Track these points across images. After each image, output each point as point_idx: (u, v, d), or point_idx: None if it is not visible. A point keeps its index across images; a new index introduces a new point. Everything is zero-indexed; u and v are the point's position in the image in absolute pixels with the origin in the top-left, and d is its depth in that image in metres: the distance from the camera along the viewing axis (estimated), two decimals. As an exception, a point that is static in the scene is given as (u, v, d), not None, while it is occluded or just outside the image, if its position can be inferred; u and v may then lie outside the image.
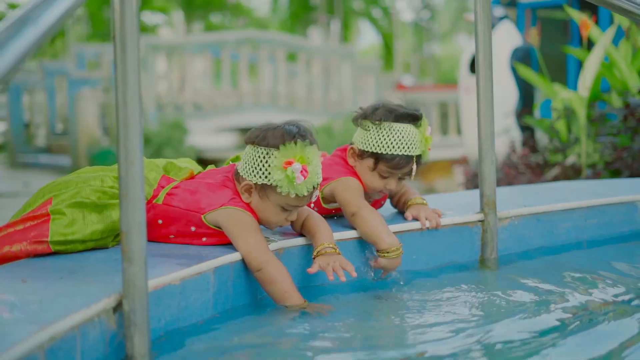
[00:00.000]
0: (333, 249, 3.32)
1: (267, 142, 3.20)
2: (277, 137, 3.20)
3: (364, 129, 3.70)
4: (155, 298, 2.77)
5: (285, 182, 3.16)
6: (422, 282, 3.62)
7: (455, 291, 3.46)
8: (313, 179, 3.19)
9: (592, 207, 4.35)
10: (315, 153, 3.21)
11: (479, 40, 3.88)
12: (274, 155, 3.18)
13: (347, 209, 3.62)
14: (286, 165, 3.15)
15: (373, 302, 3.37)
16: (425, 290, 3.48)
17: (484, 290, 3.49)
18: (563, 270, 3.74)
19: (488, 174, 3.91)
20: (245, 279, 3.23)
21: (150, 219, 3.35)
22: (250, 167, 3.25)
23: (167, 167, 3.55)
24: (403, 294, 3.45)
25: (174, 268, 2.94)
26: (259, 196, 3.27)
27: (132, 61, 2.52)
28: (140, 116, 2.54)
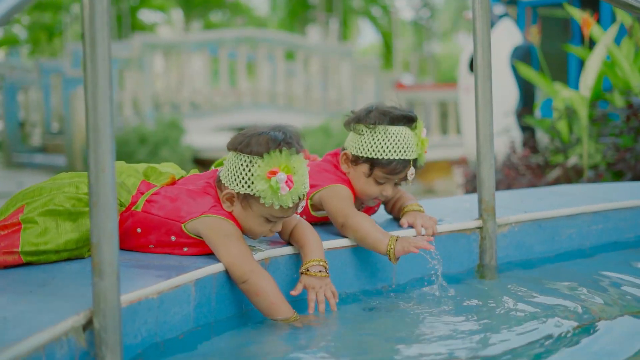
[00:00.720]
0: (323, 267, 3.16)
1: (251, 149, 3.02)
2: (262, 144, 3.02)
3: (358, 133, 3.54)
4: (130, 313, 2.60)
5: (269, 192, 2.99)
6: (417, 293, 3.47)
7: (451, 302, 3.31)
8: (299, 190, 3.02)
9: (596, 212, 4.20)
10: (301, 162, 3.03)
11: (478, 38, 3.73)
12: (257, 163, 3.00)
13: (336, 219, 3.47)
14: (270, 175, 2.97)
15: (366, 313, 3.21)
16: (421, 301, 3.33)
17: (481, 300, 3.32)
18: (566, 280, 3.61)
19: (487, 178, 3.75)
20: (229, 290, 3.06)
21: (129, 227, 3.19)
22: (233, 175, 3.07)
23: (147, 171, 3.38)
24: (397, 305, 3.29)
25: (152, 280, 2.77)
26: (242, 206, 3.09)
27: (102, 61, 2.36)
28: (110, 119, 2.37)
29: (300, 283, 3.13)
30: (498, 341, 2.80)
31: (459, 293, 3.42)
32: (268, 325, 2.94)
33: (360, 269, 3.52)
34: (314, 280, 3.12)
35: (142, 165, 3.41)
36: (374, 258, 3.54)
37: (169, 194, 3.19)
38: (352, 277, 3.48)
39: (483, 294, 3.45)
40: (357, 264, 3.51)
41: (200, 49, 19.10)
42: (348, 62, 20.98)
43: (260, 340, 2.86)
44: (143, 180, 3.31)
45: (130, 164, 3.39)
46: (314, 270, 3.13)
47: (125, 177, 3.27)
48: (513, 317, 3.06)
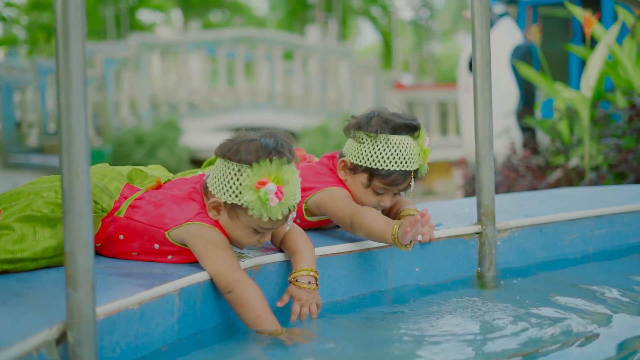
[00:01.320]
0: (314, 278, 3.03)
1: (240, 157, 2.88)
2: (251, 152, 2.87)
3: (358, 141, 3.40)
4: (108, 326, 2.47)
5: (258, 204, 2.84)
6: (412, 302, 3.35)
7: (449, 312, 3.18)
8: (289, 202, 2.88)
9: (600, 216, 4.09)
10: (292, 172, 2.90)
11: (477, 37, 3.63)
12: (246, 173, 2.86)
13: (343, 221, 3.33)
14: (259, 186, 2.83)
15: (358, 326, 3.06)
16: (416, 312, 3.19)
17: (480, 310, 3.20)
18: (568, 287, 3.53)
19: (486, 181, 3.64)
20: (215, 300, 2.93)
21: (111, 233, 3.06)
22: (220, 184, 2.93)
23: (131, 174, 3.24)
24: (391, 318, 3.15)
25: (133, 290, 2.64)
26: (229, 216, 2.95)
27: (76, 57, 2.21)
28: (85, 120, 2.23)
29: (287, 293, 3.02)
30: (497, 351, 2.71)
31: (457, 301, 3.30)
32: (256, 337, 2.81)
33: (354, 276, 3.40)
34: (302, 292, 3.00)
35: (127, 168, 3.29)
36: (368, 264, 3.43)
37: (153, 199, 3.05)
38: (346, 284, 3.36)
39: (482, 302, 3.32)
40: (351, 270, 3.39)
41: (197, 49, 19.10)
42: (347, 62, 20.96)
43: (248, 353, 2.74)
44: (127, 184, 3.18)
45: (113, 167, 3.27)
46: (302, 282, 3.01)
47: (108, 181, 3.14)
48: (513, 326, 2.95)
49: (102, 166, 3.26)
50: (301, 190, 3.34)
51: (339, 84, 21.07)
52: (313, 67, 21.19)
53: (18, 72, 21.32)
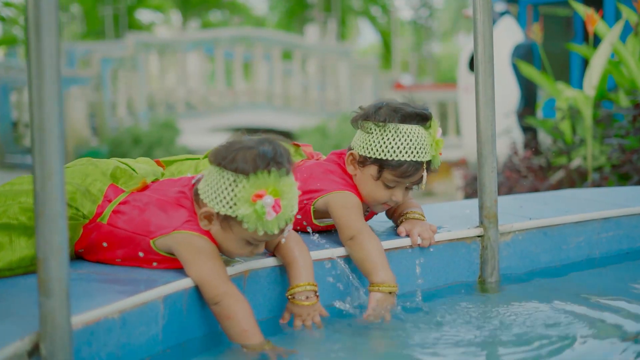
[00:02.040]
0: (312, 291, 2.90)
1: (236, 166, 2.68)
2: (248, 161, 2.67)
3: (366, 131, 3.24)
4: (86, 336, 2.33)
5: (253, 217, 2.66)
6: (411, 309, 3.17)
7: (449, 320, 3.03)
8: (286, 215, 2.70)
9: (607, 218, 3.96)
10: (291, 185, 2.71)
11: (478, 31, 3.51)
12: (242, 184, 2.67)
13: (344, 231, 3.18)
14: (256, 198, 2.65)
15: (353, 334, 2.91)
16: (414, 320, 3.04)
17: (483, 317, 3.06)
18: (574, 292, 3.38)
19: (488, 182, 3.50)
20: (203, 307, 2.79)
21: (94, 240, 2.92)
22: (213, 193, 2.74)
23: (115, 173, 3.07)
24: (388, 326, 2.98)
25: (114, 297, 2.50)
26: (221, 227, 2.77)
27: (49, 49, 2.07)
28: (59, 117, 2.08)
29: (287, 311, 2.90)
30: None
31: (458, 308, 3.16)
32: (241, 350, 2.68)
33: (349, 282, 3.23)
34: (302, 309, 2.88)
35: (110, 165, 3.10)
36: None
37: (138, 204, 2.90)
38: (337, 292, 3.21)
39: (484, 309, 3.19)
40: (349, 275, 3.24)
41: (195, 48, 19.06)
42: (346, 62, 20.95)
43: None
44: (111, 185, 3.02)
45: (95, 164, 3.10)
46: (299, 298, 2.88)
47: (90, 183, 2.99)
48: (516, 333, 2.84)
49: (85, 162, 3.10)
50: (310, 192, 3.27)
51: (338, 84, 21.10)
52: (312, 67, 21.18)
53: (15, 71, 21.19)
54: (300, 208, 3.31)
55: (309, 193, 3.29)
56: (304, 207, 3.32)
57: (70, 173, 3.01)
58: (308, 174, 3.35)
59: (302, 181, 3.27)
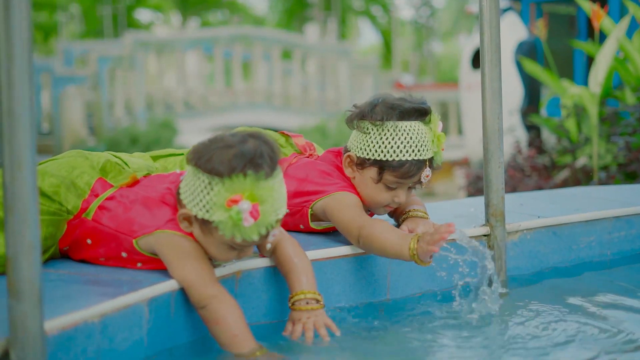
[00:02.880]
0: (315, 301, 2.71)
1: (212, 166, 2.47)
2: (224, 162, 2.46)
3: (363, 132, 3.08)
4: (63, 342, 2.17)
5: (229, 224, 2.45)
6: (414, 312, 3.06)
7: (454, 322, 2.89)
8: (266, 221, 2.48)
9: (619, 217, 3.82)
10: (271, 188, 2.48)
11: (485, 20, 3.38)
12: (217, 187, 2.46)
13: (350, 233, 2.99)
14: (231, 204, 2.43)
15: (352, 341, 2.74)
16: (418, 323, 2.91)
17: (489, 319, 2.92)
18: (584, 294, 3.25)
19: (495, 179, 3.34)
20: (191, 311, 2.62)
21: (78, 237, 2.75)
22: (190, 195, 2.55)
23: (105, 166, 2.88)
24: (390, 331, 2.83)
25: (95, 300, 2.34)
26: (201, 230, 2.57)
27: (20, 26, 1.90)
28: (30, 102, 1.90)
29: (289, 321, 2.69)
30: None
31: (463, 310, 3.00)
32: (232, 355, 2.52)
33: (349, 283, 3.10)
34: (302, 313, 2.68)
35: (102, 159, 2.91)
36: (365, 270, 3.14)
37: (124, 200, 2.72)
38: (339, 293, 3.07)
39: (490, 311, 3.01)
40: (345, 277, 3.09)
41: (194, 48, 19.01)
42: (346, 61, 20.94)
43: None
44: (99, 179, 2.84)
45: (87, 156, 2.91)
46: (301, 305, 2.69)
47: (77, 175, 2.81)
48: (524, 337, 2.72)
49: (75, 154, 2.92)
50: (307, 194, 3.10)
51: (338, 84, 21.13)
52: (312, 67, 21.16)
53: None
54: (297, 211, 3.17)
55: (306, 195, 3.14)
56: (300, 210, 3.17)
57: (57, 165, 2.84)
58: (304, 174, 3.19)
59: (298, 181, 3.15)
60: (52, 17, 35.64)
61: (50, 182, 2.73)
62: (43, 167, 2.83)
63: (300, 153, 3.43)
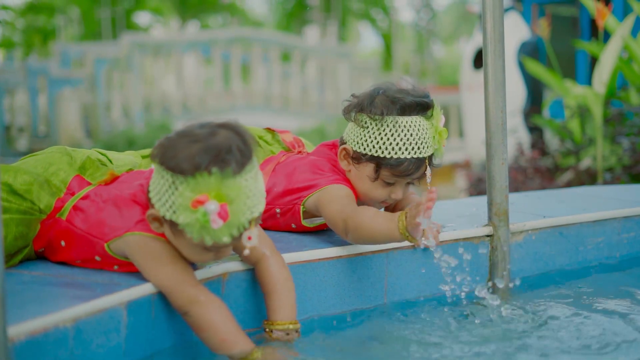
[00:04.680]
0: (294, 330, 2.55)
1: (175, 163, 2.28)
2: (188, 159, 2.26)
3: (361, 125, 2.94)
4: (32, 348, 2.03)
5: (196, 226, 2.26)
6: (412, 316, 2.93)
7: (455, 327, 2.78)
8: (237, 221, 2.28)
9: (628, 217, 3.70)
10: (240, 187, 2.28)
11: (487, 7, 3.21)
12: (181, 187, 2.28)
13: (336, 225, 2.83)
14: (196, 205, 2.24)
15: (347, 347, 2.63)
16: (416, 327, 2.78)
17: (492, 324, 2.81)
18: (592, 298, 3.13)
19: (498, 176, 3.20)
20: (174, 314, 2.47)
21: (52, 238, 2.61)
22: (157, 194, 2.37)
23: (85, 163, 2.74)
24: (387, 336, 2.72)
25: (68, 302, 2.19)
26: (171, 231, 2.39)
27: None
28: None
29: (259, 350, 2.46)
30: None
31: (464, 316, 2.90)
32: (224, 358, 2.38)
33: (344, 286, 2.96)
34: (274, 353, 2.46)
35: (83, 154, 2.77)
36: (361, 272, 2.99)
37: (97, 200, 2.56)
38: (333, 296, 2.92)
39: (494, 316, 2.90)
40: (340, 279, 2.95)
41: (192, 50, 18.98)
42: (346, 63, 20.95)
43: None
44: (76, 176, 2.70)
45: (68, 152, 2.76)
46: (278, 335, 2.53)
47: (53, 173, 2.66)
48: (530, 343, 2.60)
49: (56, 150, 2.77)
50: (297, 190, 2.97)
51: (337, 86, 21.12)
52: (311, 69, 21.16)
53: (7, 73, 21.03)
54: (288, 210, 3.04)
55: (297, 192, 3.01)
56: (292, 209, 3.03)
57: (34, 162, 2.70)
58: (292, 169, 3.06)
59: (287, 180, 3.02)
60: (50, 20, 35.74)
61: (23, 179, 2.58)
62: (18, 164, 2.69)
63: (289, 150, 3.28)
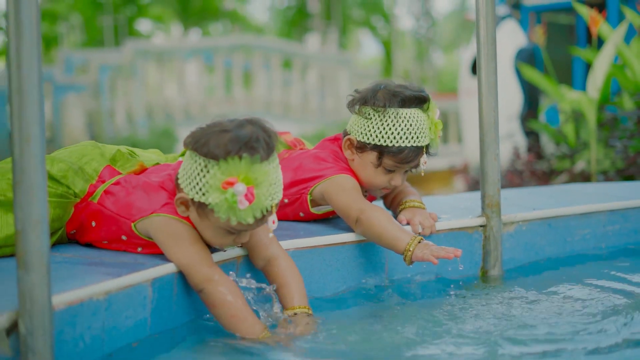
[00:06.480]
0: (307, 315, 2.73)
1: (208, 150, 2.52)
2: (220, 146, 2.50)
3: (365, 117, 3.18)
4: (69, 316, 2.22)
5: (224, 206, 2.49)
6: (409, 301, 3.08)
7: (449, 312, 2.90)
8: (261, 204, 2.51)
9: (613, 211, 3.82)
10: (266, 171, 2.52)
11: (480, 13, 3.38)
12: (213, 170, 2.51)
13: (349, 214, 3.08)
14: (226, 186, 2.47)
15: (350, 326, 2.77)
16: (413, 312, 2.91)
17: (484, 309, 2.93)
18: (579, 286, 3.23)
19: (491, 171, 3.37)
20: (191, 291, 2.67)
21: (84, 219, 2.82)
22: (188, 178, 2.59)
23: (115, 156, 2.97)
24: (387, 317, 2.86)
25: (100, 278, 2.38)
26: (197, 214, 2.62)
27: (27, 6, 1.94)
28: (39, 79, 1.96)
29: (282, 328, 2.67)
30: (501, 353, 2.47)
31: (458, 300, 3.05)
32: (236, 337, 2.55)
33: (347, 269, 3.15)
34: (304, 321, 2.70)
35: (112, 148, 3.01)
36: (363, 257, 3.19)
37: (127, 186, 2.80)
38: (338, 279, 3.11)
39: (486, 300, 3.05)
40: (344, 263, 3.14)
41: (194, 56, 18.93)
42: (346, 70, 20.87)
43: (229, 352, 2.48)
44: (107, 166, 2.92)
45: (99, 146, 2.99)
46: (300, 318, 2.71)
47: (87, 162, 2.89)
48: (518, 326, 2.72)
49: (87, 144, 3.00)
50: (304, 181, 3.19)
51: (338, 93, 21.02)
52: (312, 76, 21.09)
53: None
54: (296, 199, 3.25)
55: (303, 182, 3.23)
56: (299, 198, 3.25)
57: (68, 152, 2.93)
58: (297, 163, 3.27)
59: (293, 172, 3.22)
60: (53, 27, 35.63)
61: (59, 167, 2.79)
62: (54, 154, 2.90)
63: (290, 148, 3.50)
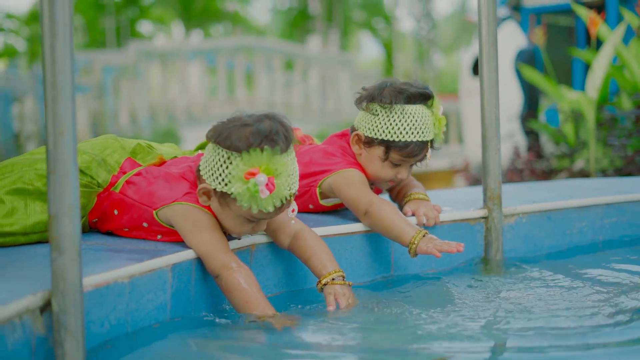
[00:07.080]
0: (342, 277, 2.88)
1: (230, 143, 2.68)
2: (242, 139, 2.67)
3: (372, 113, 3.32)
4: (96, 298, 2.35)
5: (247, 195, 2.65)
6: (414, 290, 3.21)
7: (452, 300, 3.03)
8: (281, 193, 2.68)
9: (610, 204, 3.92)
10: (286, 163, 2.69)
11: (482, 12, 3.52)
12: (235, 161, 2.67)
13: (357, 207, 3.24)
14: (249, 176, 2.64)
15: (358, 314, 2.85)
16: (417, 300, 3.03)
17: (486, 297, 3.03)
18: (577, 276, 3.33)
19: (492, 165, 3.52)
20: (209, 277, 2.80)
21: (106, 208, 2.97)
22: (210, 170, 2.76)
23: (135, 149, 3.13)
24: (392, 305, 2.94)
25: (123, 263, 2.52)
26: (219, 203, 2.77)
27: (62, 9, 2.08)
28: (71, 74, 2.11)
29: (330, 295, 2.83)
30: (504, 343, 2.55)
31: (461, 289, 3.16)
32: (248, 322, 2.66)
33: (355, 259, 3.29)
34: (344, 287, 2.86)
35: (131, 142, 3.16)
36: (370, 247, 3.32)
37: (148, 176, 2.95)
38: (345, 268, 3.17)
39: (487, 290, 3.16)
40: (352, 253, 3.28)
41: (197, 58, 18.97)
42: (347, 71, 20.90)
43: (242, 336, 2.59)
44: (128, 158, 3.08)
45: (117, 138, 3.14)
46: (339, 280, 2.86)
47: (109, 154, 3.04)
48: (519, 315, 2.78)
49: (107, 137, 3.14)
50: (313, 174, 3.33)
51: (339, 94, 21.04)
52: (313, 77, 21.14)
53: (16, 81, 21.15)
54: (305, 192, 3.38)
55: (312, 176, 3.36)
56: (308, 191, 3.38)
57: (90, 145, 3.06)
58: (307, 158, 3.40)
59: (303, 166, 3.32)
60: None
61: (83, 158, 2.93)
62: (77, 146, 3.04)
63: (300, 144, 3.64)
